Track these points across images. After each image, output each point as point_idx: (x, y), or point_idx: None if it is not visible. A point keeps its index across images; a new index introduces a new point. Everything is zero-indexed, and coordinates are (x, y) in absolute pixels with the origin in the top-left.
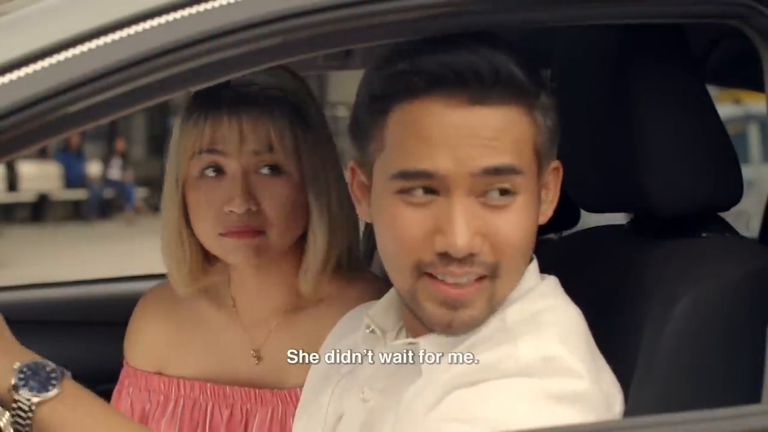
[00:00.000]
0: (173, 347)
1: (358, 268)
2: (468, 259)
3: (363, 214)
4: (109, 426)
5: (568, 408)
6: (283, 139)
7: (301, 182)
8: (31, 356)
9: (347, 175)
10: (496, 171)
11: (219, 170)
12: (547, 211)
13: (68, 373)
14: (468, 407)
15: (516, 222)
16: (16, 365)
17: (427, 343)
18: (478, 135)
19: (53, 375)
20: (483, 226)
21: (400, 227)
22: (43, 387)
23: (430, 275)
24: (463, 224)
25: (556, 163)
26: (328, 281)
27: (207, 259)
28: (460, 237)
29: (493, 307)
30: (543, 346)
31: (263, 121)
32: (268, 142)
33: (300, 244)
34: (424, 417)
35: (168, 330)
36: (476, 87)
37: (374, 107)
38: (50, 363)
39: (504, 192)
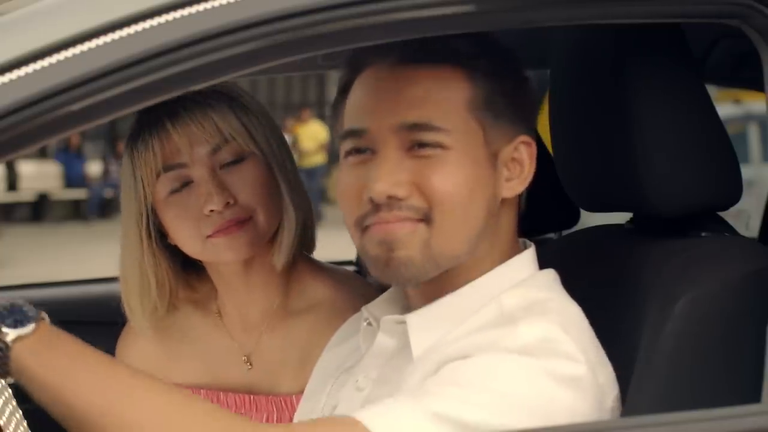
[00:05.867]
0: (164, 360)
1: (310, 250)
2: (394, 203)
3: None
4: (87, 362)
5: (565, 390)
6: (230, 123)
7: (266, 160)
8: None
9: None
10: (415, 126)
11: (187, 182)
12: (516, 187)
13: (45, 316)
14: (464, 375)
15: (445, 172)
16: None
17: (416, 321)
18: (403, 91)
19: (30, 314)
20: (411, 175)
21: (342, 186)
22: (20, 324)
23: (370, 226)
24: (384, 171)
25: (525, 138)
26: (315, 282)
27: (176, 289)
28: (379, 182)
29: (433, 257)
30: (545, 327)
31: (206, 115)
32: (220, 134)
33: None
34: (419, 384)
35: (157, 345)
36: (402, 48)
37: (339, 88)
38: (26, 304)
39: (430, 145)
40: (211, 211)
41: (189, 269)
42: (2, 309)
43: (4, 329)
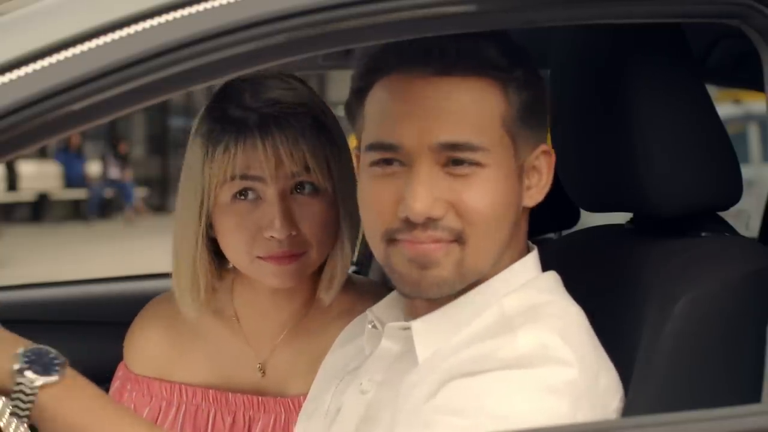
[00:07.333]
0: (175, 357)
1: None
2: (430, 223)
3: None
4: (107, 415)
5: (560, 398)
6: (317, 159)
7: (334, 197)
8: (32, 345)
9: (354, 162)
10: (453, 146)
11: (254, 194)
12: (535, 195)
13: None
14: (463, 399)
15: (481, 191)
16: (20, 350)
17: (420, 327)
18: (440, 108)
19: (56, 361)
20: (447, 194)
21: (369, 197)
22: (46, 371)
23: (400, 241)
24: (422, 190)
25: (545, 147)
26: (339, 296)
27: (216, 277)
28: (418, 202)
29: (464, 274)
30: (541, 334)
31: (298, 143)
32: (305, 163)
33: None
34: (421, 406)
35: (169, 341)
36: (440, 60)
37: (356, 87)
38: (52, 350)
39: (467, 162)
40: (272, 237)
41: (221, 259)
42: (31, 354)
43: (32, 375)
